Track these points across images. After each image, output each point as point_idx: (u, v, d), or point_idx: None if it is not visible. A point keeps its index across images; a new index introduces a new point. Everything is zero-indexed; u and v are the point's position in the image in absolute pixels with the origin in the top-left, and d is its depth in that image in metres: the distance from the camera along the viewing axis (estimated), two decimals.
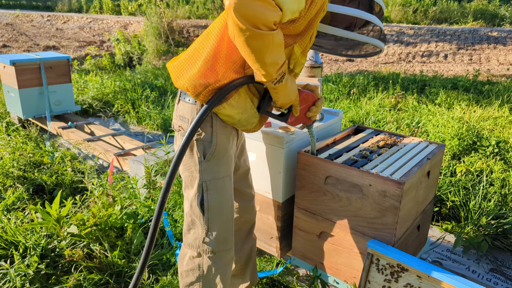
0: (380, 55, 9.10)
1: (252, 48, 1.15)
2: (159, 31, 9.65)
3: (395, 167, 1.64)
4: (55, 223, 2.27)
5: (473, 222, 2.51)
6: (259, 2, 1.08)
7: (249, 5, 1.08)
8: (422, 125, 4.07)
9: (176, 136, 1.50)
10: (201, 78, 1.30)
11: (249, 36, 1.12)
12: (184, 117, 1.42)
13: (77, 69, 7.95)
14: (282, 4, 1.12)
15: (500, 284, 2.15)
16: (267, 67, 1.21)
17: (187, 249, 1.51)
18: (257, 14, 1.09)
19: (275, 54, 1.19)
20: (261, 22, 1.10)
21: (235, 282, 1.85)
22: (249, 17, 1.09)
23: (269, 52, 1.17)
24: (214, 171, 1.43)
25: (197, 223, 1.47)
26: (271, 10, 1.10)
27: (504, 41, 9.03)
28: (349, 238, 1.70)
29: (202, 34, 1.39)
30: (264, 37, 1.12)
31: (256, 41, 1.13)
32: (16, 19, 15.05)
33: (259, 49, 1.15)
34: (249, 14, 1.08)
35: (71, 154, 3.61)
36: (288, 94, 1.37)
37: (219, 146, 1.41)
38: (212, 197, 1.44)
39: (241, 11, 1.08)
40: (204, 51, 1.33)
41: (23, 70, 4.22)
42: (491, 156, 3.30)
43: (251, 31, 1.10)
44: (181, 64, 1.38)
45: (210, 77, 1.30)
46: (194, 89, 1.31)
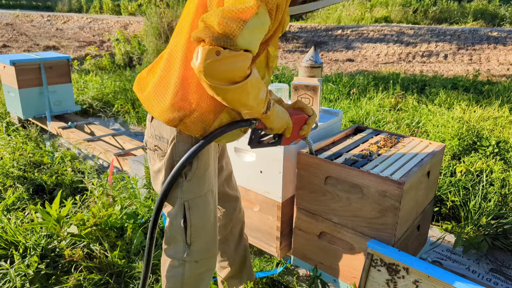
0: (380, 55, 9.11)
1: (234, 100, 1.12)
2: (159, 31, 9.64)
3: (395, 167, 1.64)
4: (55, 223, 2.27)
5: (473, 222, 2.51)
6: (227, 60, 1.02)
7: (218, 66, 1.03)
8: (422, 125, 4.07)
9: (151, 155, 1.42)
10: (174, 111, 1.24)
11: (227, 92, 1.08)
12: (162, 137, 1.34)
13: (77, 69, 7.95)
14: (249, 47, 1.06)
15: (500, 284, 2.15)
16: (254, 107, 1.18)
17: (167, 258, 1.47)
18: (228, 71, 1.05)
19: (256, 93, 1.15)
20: (236, 76, 1.07)
21: (232, 283, 1.85)
22: (222, 77, 1.05)
23: (252, 95, 1.14)
24: (196, 190, 1.37)
25: (178, 238, 1.43)
26: (242, 60, 1.05)
27: (504, 41, 9.03)
28: (349, 238, 1.70)
29: (165, 57, 1.29)
30: (242, 87, 1.09)
31: (235, 93, 1.10)
32: (16, 19, 15.06)
33: (241, 98, 1.12)
34: (221, 74, 1.04)
35: (71, 154, 3.61)
36: (280, 117, 1.34)
37: (200, 164, 1.36)
38: (194, 215, 1.39)
39: (212, 73, 1.04)
40: (171, 80, 1.25)
41: (23, 70, 4.22)
42: (491, 156, 3.30)
43: (227, 88, 1.07)
44: (150, 96, 1.30)
45: (184, 108, 1.23)
46: (170, 122, 1.26)
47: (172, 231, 1.43)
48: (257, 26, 1.06)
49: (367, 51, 9.44)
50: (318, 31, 11.12)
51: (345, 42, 10.20)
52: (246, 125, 1.31)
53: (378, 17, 11.91)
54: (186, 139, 1.32)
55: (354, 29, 10.75)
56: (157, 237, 2.40)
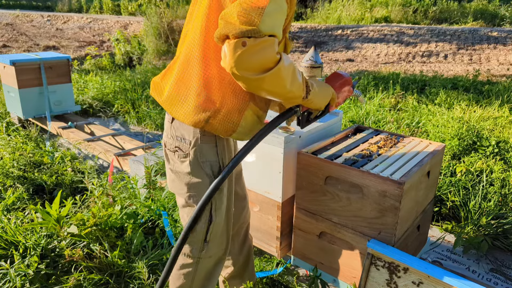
0: (380, 55, 9.10)
1: (272, 88, 1.12)
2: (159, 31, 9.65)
3: (395, 167, 1.64)
4: (55, 223, 2.27)
5: (473, 222, 2.51)
6: (254, 48, 1.03)
7: (247, 56, 1.04)
8: (422, 125, 4.07)
9: (171, 156, 1.41)
10: (199, 113, 1.24)
11: (263, 81, 1.09)
12: (184, 138, 1.34)
13: (77, 69, 7.95)
14: (273, 31, 1.07)
15: (500, 284, 2.15)
16: (294, 92, 1.18)
17: (182, 256, 1.49)
18: (258, 59, 1.05)
19: (292, 77, 1.15)
20: (267, 62, 1.07)
21: (234, 283, 1.85)
22: (253, 66, 1.06)
23: (288, 80, 1.14)
24: (221, 189, 1.40)
25: (198, 237, 1.44)
26: (269, 45, 1.06)
27: (504, 41, 9.03)
28: (349, 238, 1.70)
29: (181, 59, 1.30)
30: (276, 73, 1.09)
31: (272, 81, 1.10)
32: (16, 19, 15.05)
33: (278, 85, 1.12)
34: (252, 63, 1.05)
35: (71, 154, 3.61)
36: (323, 94, 1.34)
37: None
38: (219, 214, 1.42)
39: (243, 65, 1.05)
40: (191, 82, 1.26)
41: (23, 70, 4.22)
42: (491, 156, 3.30)
43: (262, 77, 1.08)
44: (170, 99, 1.31)
45: (209, 109, 1.24)
46: (196, 124, 1.26)
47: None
48: (276, 10, 1.07)
49: (367, 51, 9.44)
50: (318, 31, 11.12)
51: (345, 42, 10.20)
52: (290, 115, 1.33)
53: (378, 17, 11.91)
54: (209, 140, 1.33)
55: (354, 29, 10.75)
56: (156, 237, 2.40)
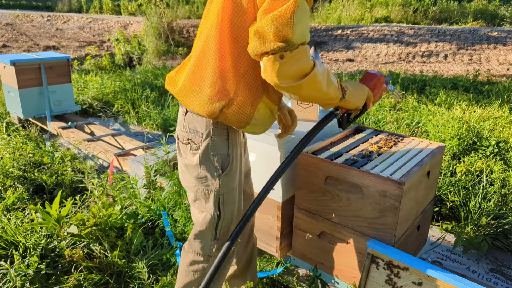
0: (380, 55, 9.10)
1: (311, 92, 1.19)
2: (159, 31, 9.65)
3: (395, 167, 1.64)
4: (55, 223, 2.27)
5: (473, 222, 2.51)
6: (291, 60, 1.11)
7: (286, 68, 1.11)
8: (422, 125, 4.07)
9: (183, 149, 1.44)
10: (214, 102, 1.28)
11: (301, 87, 1.16)
12: (196, 130, 1.36)
13: (77, 69, 7.95)
14: (303, 38, 1.13)
15: (500, 284, 2.15)
16: (331, 95, 1.25)
17: (192, 254, 1.50)
18: (296, 68, 1.12)
19: (328, 80, 1.21)
20: (303, 69, 1.14)
21: (235, 282, 1.85)
22: (292, 75, 1.13)
23: (324, 83, 1.20)
24: (230, 183, 1.41)
25: (207, 233, 1.46)
26: (303, 54, 1.13)
27: (504, 41, 9.03)
28: (349, 238, 1.70)
29: (196, 52, 1.34)
30: (312, 78, 1.15)
31: (309, 86, 1.17)
32: (16, 19, 15.06)
33: (316, 89, 1.19)
34: (291, 73, 1.13)
35: (71, 154, 3.61)
36: (359, 94, 1.38)
37: (235, 158, 1.40)
38: (227, 209, 1.43)
39: (283, 76, 1.12)
40: (206, 73, 1.29)
41: (23, 70, 4.22)
42: (491, 156, 3.30)
43: (300, 84, 1.14)
44: (185, 91, 1.34)
45: (223, 98, 1.27)
46: (209, 115, 1.29)
47: (203, 226, 1.45)
48: (302, 15, 1.12)
49: (367, 51, 9.44)
50: (318, 31, 11.12)
51: (345, 42, 10.20)
52: (331, 119, 1.40)
53: (378, 17, 11.91)
54: (222, 132, 1.36)
55: (354, 29, 10.75)
56: (156, 237, 2.40)
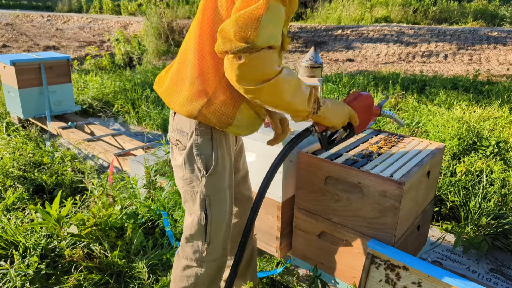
0: (380, 55, 9.10)
1: (270, 99, 1.14)
2: (159, 31, 9.65)
3: (395, 167, 1.64)
4: (55, 223, 2.27)
5: (473, 222, 2.51)
6: (251, 62, 1.06)
7: (244, 69, 1.07)
8: (422, 125, 4.07)
9: (174, 150, 1.44)
10: (192, 102, 1.27)
11: (261, 92, 1.11)
12: (183, 130, 1.36)
13: (77, 69, 7.95)
14: (270, 42, 1.08)
15: (500, 284, 2.15)
16: (296, 106, 1.19)
17: (185, 259, 1.48)
18: (255, 71, 1.08)
19: (293, 90, 1.17)
20: (264, 74, 1.09)
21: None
22: (251, 77, 1.09)
23: (287, 92, 1.15)
24: (217, 185, 1.39)
25: (197, 237, 1.44)
26: (266, 58, 1.08)
27: (504, 41, 9.03)
28: (349, 238, 1.70)
29: (180, 51, 1.34)
30: (274, 84, 1.11)
31: (269, 92, 1.12)
32: (16, 19, 15.05)
33: (276, 97, 1.14)
34: (249, 76, 1.09)
35: (71, 154, 3.61)
36: (337, 111, 1.33)
37: (220, 159, 1.38)
38: (215, 211, 1.41)
39: (241, 78, 1.09)
40: (187, 73, 1.28)
41: (23, 70, 4.22)
42: (491, 156, 3.30)
43: (260, 88, 1.10)
44: (168, 91, 1.34)
45: (201, 98, 1.26)
46: (189, 115, 1.28)
47: (192, 229, 1.43)
48: (272, 19, 1.08)
49: (367, 51, 9.44)
50: (318, 31, 11.12)
51: (345, 42, 10.20)
52: (306, 135, 1.34)
53: (378, 17, 11.90)
54: (205, 132, 1.34)
55: (354, 29, 10.75)
56: (156, 237, 2.40)
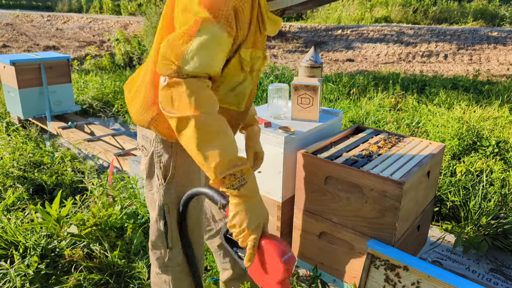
0: (380, 55, 9.10)
1: (183, 138, 1.04)
2: None
3: (395, 167, 1.64)
4: (55, 223, 2.27)
5: (473, 222, 2.51)
6: (170, 86, 1.00)
7: (163, 93, 1.02)
8: (422, 125, 4.07)
9: (142, 155, 1.42)
10: (143, 113, 1.26)
11: (171, 120, 1.03)
12: (147, 136, 1.35)
13: (77, 69, 7.94)
14: (197, 71, 1.01)
15: (500, 284, 2.15)
16: (199, 157, 1.02)
17: (154, 266, 1.48)
18: (172, 99, 1.01)
19: (205, 141, 1.01)
20: (177, 105, 1.02)
21: (233, 284, 1.85)
22: (165, 103, 1.03)
23: (196, 140, 1.01)
24: (177, 193, 1.35)
25: (159, 244, 1.42)
26: (183, 87, 1.00)
27: (504, 41, 9.03)
28: (349, 238, 1.70)
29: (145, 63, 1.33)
30: (186, 123, 1.01)
31: (182, 131, 1.02)
32: (16, 19, 15.06)
33: (187, 139, 1.02)
34: (165, 101, 1.03)
35: (71, 154, 3.61)
36: (259, 210, 1.08)
37: (179, 168, 1.33)
38: (174, 219, 1.37)
39: (161, 100, 1.04)
40: (143, 84, 1.27)
41: (23, 70, 4.22)
42: (491, 156, 3.30)
43: (171, 117, 1.02)
44: (129, 98, 1.35)
45: (152, 110, 1.24)
46: (141, 124, 1.29)
47: (153, 235, 1.42)
48: (206, 44, 1.00)
49: (367, 51, 9.44)
50: (318, 31, 11.13)
51: (345, 42, 10.20)
52: (216, 200, 1.16)
53: (378, 17, 11.91)
54: (165, 140, 1.31)
55: (354, 29, 10.75)
56: None
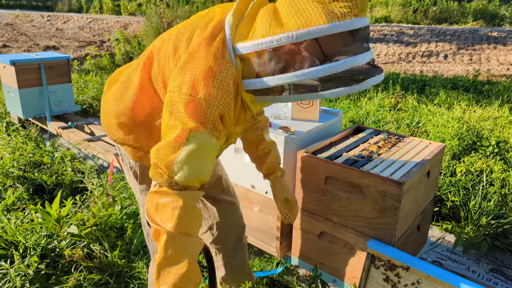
0: (380, 55, 9.10)
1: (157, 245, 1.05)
2: (159, 31, 9.65)
3: (395, 167, 1.64)
4: (55, 223, 2.27)
5: (473, 222, 2.51)
6: (156, 194, 1.04)
7: (150, 200, 1.05)
8: (422, 125, 4.07)
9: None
10: (113, 129, 1.31)
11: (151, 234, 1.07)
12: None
13: (77, 69, 7.94)
14: (187, 182, 1.03)
15: (500, 284, 2.15)
16: (158, 279, 1.03)
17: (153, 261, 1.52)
18: (155, 210, 1.04)
19: (170, 264, 1.01)
20: (157, 217, 1.04)
21: (232, 285, 1.84)
22: (148, 210, 1.05)
23: (164, 258, 1.03)
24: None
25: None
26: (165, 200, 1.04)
27: (504, 41, 9.03)
28: (349, 238, 1.70)
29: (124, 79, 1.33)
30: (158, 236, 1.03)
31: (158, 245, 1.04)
32: (16, 19, 15.05)
33: (157, 259, 1.03)
34: (149, 208, 1.05)
35: (71, 154, 3.61)
36: None
37: (145, 169, 1.37)
38: None
39: (147, 205, 1.07)
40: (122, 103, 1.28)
41: (23, 70, 4.22)
42: (491, 156, 3.30)
43: (152, 230, 1.05)
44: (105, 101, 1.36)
45: (122, 131, 1.29)
46: (109, 135, 1.34)
47: (145, 229, 1.48)
48: (195, 153, 1.02)
49: None
50: None
51: None
52: None
53: (378, 17, 11.91)
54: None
55: None
56: None
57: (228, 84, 1.03)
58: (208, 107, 1.01)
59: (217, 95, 1.02)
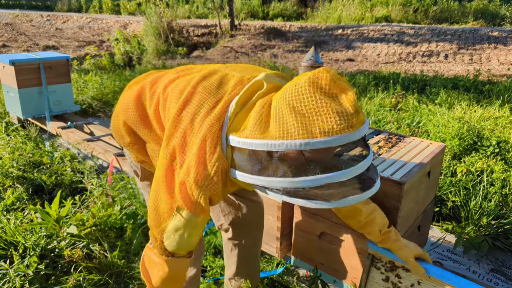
0: (380, 55, 9.09)
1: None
2: (158, 31, 9.64)
3: (396, 167, 1.63)
4: (55, 223, 2.27)
5: (473, 222, 2.50)
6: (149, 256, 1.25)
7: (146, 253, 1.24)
8: (423, 125, 4.06)
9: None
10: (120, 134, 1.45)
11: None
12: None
13: (77, 69, 7.94)
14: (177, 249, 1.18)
15: (500, 284, 2.14)
16: None
17: None
18: (147, 270, 1.25)
19: None
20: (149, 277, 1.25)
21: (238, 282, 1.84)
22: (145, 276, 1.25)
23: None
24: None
25: None
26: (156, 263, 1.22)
27: (505, 41, 9.02)
28: (349, 238, 1.69)
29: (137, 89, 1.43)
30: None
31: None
32: (15, 19, 15.05)
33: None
34: (144, 263, 1.25)
35: (70, 154, 3.60)
36: None
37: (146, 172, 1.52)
38: None
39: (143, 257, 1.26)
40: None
41: (22, 70, 4.21)
42: (491, 156, 3.29)
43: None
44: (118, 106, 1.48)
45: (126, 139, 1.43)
46: (116, 139, 1.48)
47: None
48: (181, 227, 1.13)
49: (367, 50, 9.43)
50: (319, 30, 11.12)
51: (345, 41, 10.19)
52: None
53: (378, 16, 11.90)
54: None
55: (355, 29, 10.74)
56: None
57: (216, 172, 1.08)
58: (199, 190, 1.09)
59: (205, 182, 1.09)
